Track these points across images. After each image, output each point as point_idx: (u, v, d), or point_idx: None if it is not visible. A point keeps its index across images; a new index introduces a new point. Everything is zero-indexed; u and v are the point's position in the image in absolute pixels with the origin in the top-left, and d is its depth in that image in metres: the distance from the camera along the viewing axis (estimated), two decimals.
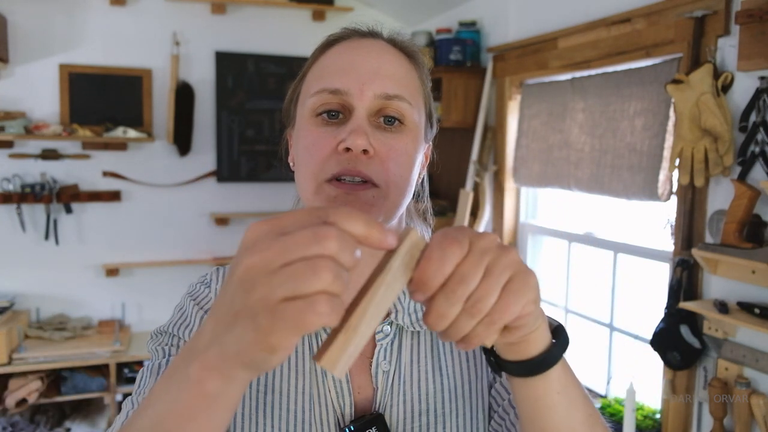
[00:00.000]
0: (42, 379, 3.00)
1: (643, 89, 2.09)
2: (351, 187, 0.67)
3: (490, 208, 2.96)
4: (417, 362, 0.76)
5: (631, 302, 2.36)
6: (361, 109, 0.69)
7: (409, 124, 0.71)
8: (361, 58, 0.71)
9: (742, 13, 1.65)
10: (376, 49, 0.73)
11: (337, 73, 0.70)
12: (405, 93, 0.71)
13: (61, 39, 3.28)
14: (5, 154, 3.23)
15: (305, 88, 0.75)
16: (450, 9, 3.30)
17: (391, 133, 0.70)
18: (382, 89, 0.69)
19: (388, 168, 0.68)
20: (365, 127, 0.68)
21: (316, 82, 0.72)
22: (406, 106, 0.71)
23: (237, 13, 3.57)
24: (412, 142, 0.72)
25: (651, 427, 2.12)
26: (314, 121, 0.71)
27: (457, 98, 2.97)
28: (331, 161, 0.68)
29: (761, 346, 1.73)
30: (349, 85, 0.69)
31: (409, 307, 0.76)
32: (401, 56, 0.74)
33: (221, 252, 3.64)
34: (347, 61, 0.71)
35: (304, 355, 0.75)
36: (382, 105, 0.70)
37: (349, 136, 0.66)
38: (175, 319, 0.77)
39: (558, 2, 2.51)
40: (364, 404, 0.74)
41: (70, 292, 3.41)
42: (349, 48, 0.73)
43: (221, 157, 3.58)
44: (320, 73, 0.73)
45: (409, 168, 0.71)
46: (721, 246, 1.73)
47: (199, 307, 0.77)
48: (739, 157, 1.73)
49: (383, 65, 0.71)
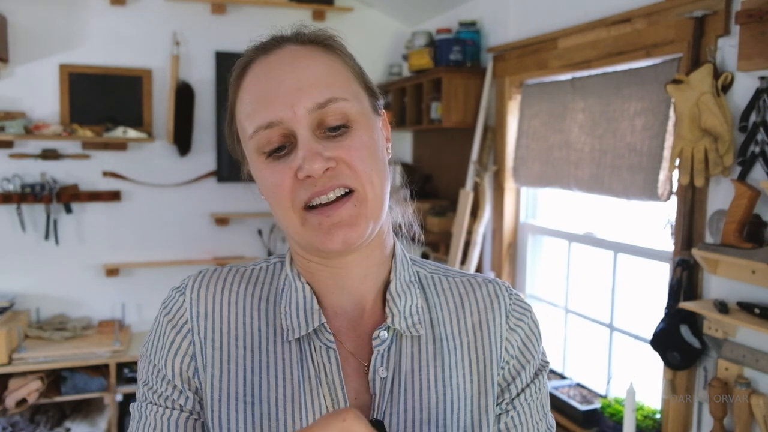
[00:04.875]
0: (42, 379, 3.00)
1: (643, 89, 2.09)
2: (330, 209, 0.66)
3: (490, 208, 2.96)
4: (419, 370, 0.73)
5: (631, 302, 2.36)
6: (302, 130, 0.66)
7: (355, 120, 0.68)
8: (277, 79, 0.68)
9: (742, 13, 1.65)
10: (287, 61, 0.69)
11: (262, 105, 0.67)
12: (336, 92, 0.68)
13: (61, 39, 3.28)
14: (5, 154, 3.23)
15: (240, 129, 0.72)
16: (450, 9, 3.30)
17: (342, 136, 0.67)
18: (311, 101, 0.66)
19: (355, 169, 0.67)
20: (314, 147, 0.66)
21: (248, 122, 0.69)
22: (343, 104, 0.68)
23: (237, 13, 3.57)
24: (366, 132, 0.69)
25: (651, 427, 2.12)
26: (264, 161, 0.69)
27: (457, 98, 2.97)
28: (299, 191, 0.67)
29: (761, 346, 1.73)
30: (279, 114, 0.66)
31: (404, 310, 0.74)
32: (313, 51, 0.70)
33: (221, 252, 3.64)
34: (264, 88, 0.68)
35: (292, 362, 0.71)
36: (321, 115, 0.67)
37: (304, 163, 0.65)
38: (146, 357, 0.74)
39: (558, 2, 2.51)
40: (360, 411, 0.70)
41: (70, 292, 3.41)
42: (261, 72, 0.70)
43: (221, 157, 3.58)
44: (246, 109, 0.70)
45: (376, 160, 0.69)
46: (721, 246, 1.73)
47: (172, 325, 0.73)
48: (739, 157, 1.73)
49: (301, 75, 0.67)
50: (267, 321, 0.73)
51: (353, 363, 0.73)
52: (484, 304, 0.78)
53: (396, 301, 0.74)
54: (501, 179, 2.90)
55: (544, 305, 2.83)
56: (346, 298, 0.74)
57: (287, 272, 0.76)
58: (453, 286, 0.79)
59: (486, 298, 0.79)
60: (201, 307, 0.73)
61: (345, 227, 0.66)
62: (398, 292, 0.75)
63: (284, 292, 0.74)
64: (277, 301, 0.74)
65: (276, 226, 3.73)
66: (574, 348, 2.67)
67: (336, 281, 0.74)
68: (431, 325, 0.76)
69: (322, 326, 0.71)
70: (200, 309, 0.73)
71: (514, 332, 0.78)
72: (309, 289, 0.74)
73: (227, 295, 0.74)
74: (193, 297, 0.73)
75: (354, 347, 0.73)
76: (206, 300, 0.73)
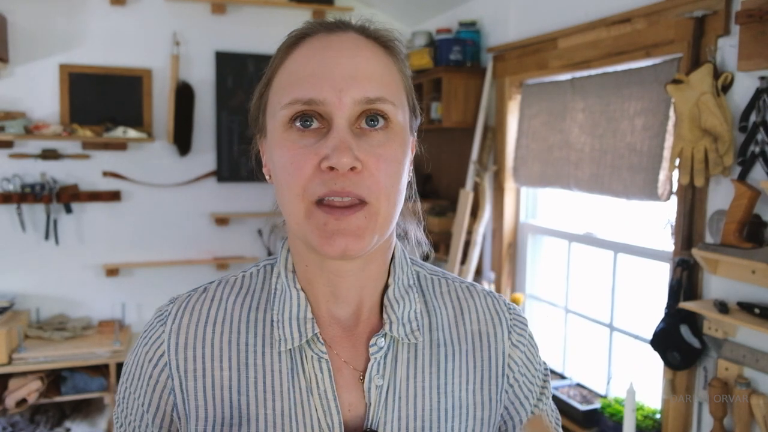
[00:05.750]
0: (42, 379, 3.00)
1: (643, 89, 2.09)
2: (341, 212, 0.62)
3: (490, 208, 2.96)
4: (414, 377, 0.71)
5: (631, 302, 2.36)
6: (341, 119, 0.62)
7: (395, 126, 0.65)
8: (334, 60, 0.64)
9: (742, 13, 1.65)
10: (348, 46, 0.65)
11: (309, 80, 0.63)
12: (387, 93, 0.65)
13: (61, 39, 3.28)
14: (5, 154, 3.23)
15: (274, 97, 0.67)
16: (450, 9, 3.30)
17: (377, 138, 0.64)
18: (362, 94, 0.63)
19: (378, 181, 0.63)
20: (348, 140, 0.62)
21: (286, 92, 0.64)
22: (390, 108, 0.65)
23: (237, 13, 3.57)
24: (399, 146, 0.66)
25: (651, 427, 2.12)
26: (289, 134, 0.64)
27: (457, 98, 2.97)
28: (314, 181, 0.62)
29: (761, 346, 1.73)
30: (324, 94, 0.62)
31: (402, 317, 0.72)
32: (377, 49, 0.67)
33: (221, 252, 3.64)
34: (318, 64, 0.64)
35: (281, 374, 0.69)
36: (364, 110, 0.63)
37: (333, 153, 0.61)
38: (123, 384, 0.74)
39: (558, 2, 2.51)
40: (355, 422, 0.69)
41: (70, 292, 3.41)
42: (318, 47, 0.65)
43: (221, 157, 3.58)
44: (289, 79, 0.65)
45: (399, 176, 0.66)
46: (721, 246, 1.73)
47: (148, 358, 0.71)
48: (739, 157, 1.73)
49: (360, 65, 0.64)
50: (256, 332, 0.71)
51: (347, 372, 0.71)
52: (484, 316, 0.77)
53: (394, 306, 0.72)
54: (501, 179, 2.90)
55: (544, 305, 2.83)
56: (342, 306, 0.71)
57: (282, 277, 0.73)
58: (452, 290, 0.78)
59: (486, 309, 0.78)
60: (181, 337, 0.70)
61: (349, 236, 0.62)
62: (396, 297, 0.73)
63: (276, 297, 0.72)
64: (268, 309, 0.72)
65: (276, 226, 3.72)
66: (574, 348, 2.67)
67: (332, 289, 0.70)
68: (429, 329, 0.74)
69: (315, 336, 0.69)
70: (179, 340, 0.70)
71: (516, 348, 0.77)
72: (304, 296, 0.71)
73: (213, 314, 0.72)
74: (173, 328, 0.71)
75: (348, 356, 0.71)
76: (188, 329, 0.71)
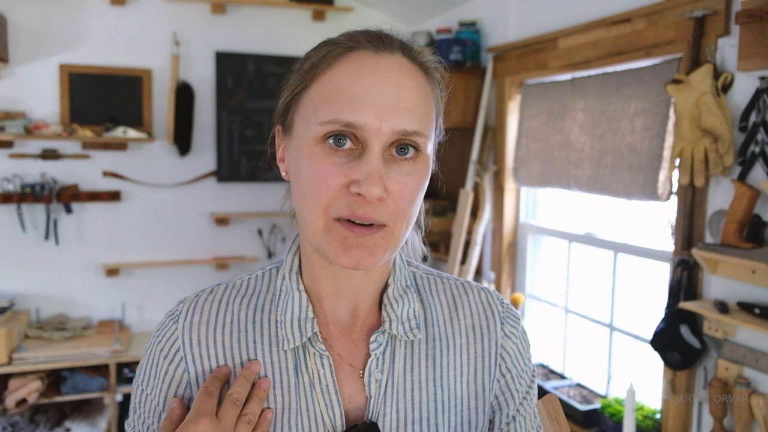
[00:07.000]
0: (42, 379, 3.00)
1: (643, 89, 2.09)
2: (361, 230, 0.65)
3: (490, 208, 2.96)
4: (411, 371, 0.75)
5: (631, 302, 2.36)
6: (377, 146, 0.64)
7: (423, 156, 0.68)
8: (379, 86, 0.64)
9: (742, 13, 1.65)
10: (395, 71, 0.66)
11: (352, 102, 0.63)
12: (423, 127, 0.66)
13: (61, 39, 3.28)
14: (5, 154, 3.23)
15: (311, 105, 0.67)
16: (450, 9, 3.30)
17: (405, 168, 0.66)
18: (401, 125, 0.64)
19: (399, 208, 0.66)
20: (380, 169, 0.64)
21: (326, 107, 0.65)
22: (424, 141, 0.67)
23: (237, 13, 3.57)
24: (424, 174, 0.69)
25: (651, 427, 2.12)
26: (320, 148, 0.65)
27: (457, 98, 2.96)
28: (339, 201, 0.64)
29: (761, 346, 1.73)
30: (365, 120, 0.63)
31: (401, 315, 0.76)
32: (419, 76, 0.68)
33: (221, 252, 3.64)
34: (363, 88, 0.64)
35: (288, 370, 0.73)
36: (399, 139, 0.65)
37: (364, 181, 0.62)
38: (138, 384, 0.77)
39: (558, 2, 2.51)
40: (356, 413, 0.73)
41: (70, 292, 3.41)
42: (365, 68, 0.65)
43: (221, 157, 3.58)
44: (330, 94, 0.65)
45: (418, 201, 0.69)
46: (721, 246, 1.73)
47: (164, 354, 0.74)
48: (739, 157, 1.73)
49: (403, 95, 0.65)
50: (262, 331, 0.74)
51: (347, 368, 0.74)
52: (477, 310, 0.81)
53: (393, 305, 0.76)
54: (501, 179, 2.90)
55: (544, 305, 2.83)
56: (343, 304, 0.75)
57: (286, 280, 0.76)
58: (447, 288, 0.82)
59: (479, 303, 0.81)
60: (194, 334, 0.74)
61: (365, 251, 0.65)
62: (395, 296, 0.76)
63: (281, 299, 0.75)
64: (273, 309, 0.76)
65: (276, 226, 3.73)
66: (574, 348, 2.67)
67: (335, 288, 0.74)
68: (425, 325, 0.78)
69: (315, 335, 0.73)
70: (192, 336, 0.74)
71: (509, 339, 0.80)
72: (306, 297, 0.75)
73: (222, 316, 0.75)
74: (186, 325, 0.74)
75: (348, 352, 0.75)
76: (199, 327, 0.74)
